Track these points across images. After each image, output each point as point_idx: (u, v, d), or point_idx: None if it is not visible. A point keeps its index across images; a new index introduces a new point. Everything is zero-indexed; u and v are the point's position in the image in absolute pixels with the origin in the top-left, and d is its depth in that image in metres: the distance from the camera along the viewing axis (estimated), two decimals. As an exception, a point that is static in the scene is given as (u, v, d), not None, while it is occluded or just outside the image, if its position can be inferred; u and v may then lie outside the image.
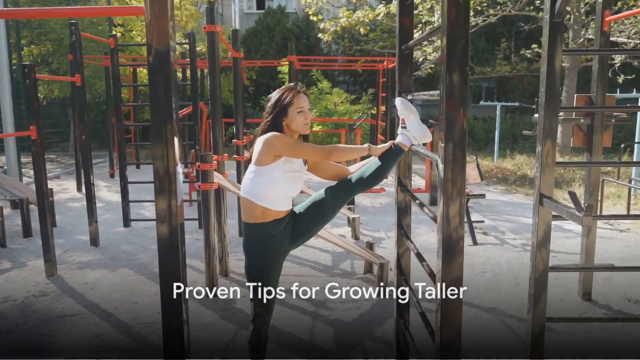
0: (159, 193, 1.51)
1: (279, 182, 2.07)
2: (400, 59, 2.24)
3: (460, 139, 1.46)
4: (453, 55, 1.43)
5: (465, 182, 1.51)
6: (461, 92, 1.44)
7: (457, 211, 1.48)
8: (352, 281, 3.96)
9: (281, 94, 2.14)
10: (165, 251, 1.60)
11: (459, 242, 1.50)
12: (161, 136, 1.47)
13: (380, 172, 2.14)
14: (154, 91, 1.44)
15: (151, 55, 1.43)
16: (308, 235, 2.22)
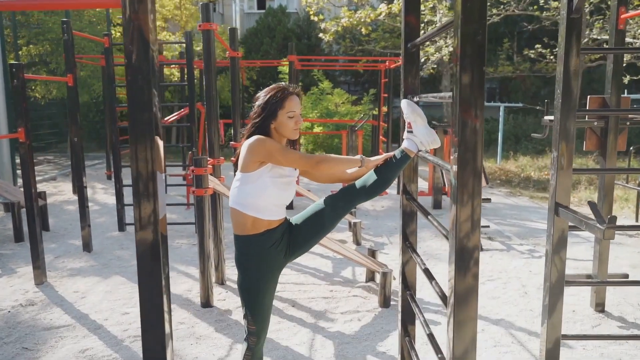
0: (137, 200, 1.36)
1: (268, 189, 1.92)
2: (406, 57, 2.08)
3: (475, 146, 1.30)
4: (468, 52, 1.27)
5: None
6: (477, 94, 1.28)
7: (472, 230, 1.32)
8: (353, 290, 3.80)
9: (271, 94, 1.97)
10: (145, 265, 1.44)
11: (474, 266, 1.35)
12: (140, 138, 1.31)
13: (384, 181, 1.98)
14: (132, 91, 1.29)
15: (130, 52, 1.27)
16: (305, 247, 2.06)
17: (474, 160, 1.31)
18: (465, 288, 1.36)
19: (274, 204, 1.95)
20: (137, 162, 1.33)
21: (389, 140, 9.07)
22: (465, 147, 1.30)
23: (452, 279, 1.36)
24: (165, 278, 1.45)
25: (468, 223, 1.33)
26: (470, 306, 1.37)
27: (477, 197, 1.32)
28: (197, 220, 3.47)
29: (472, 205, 1.32)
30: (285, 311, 3.41)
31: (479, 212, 1.34)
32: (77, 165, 4.62)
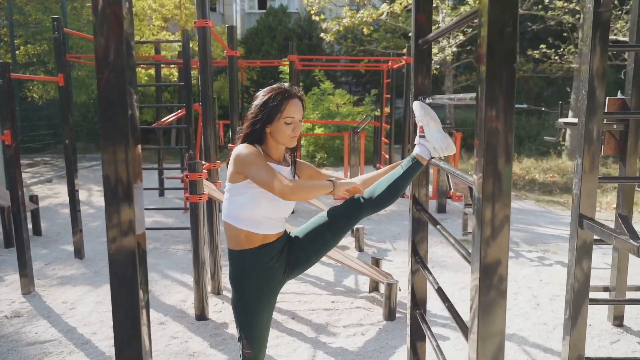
0: (109, 214, 1.17)
1: (258, 201, 1.73)
2: (417, 55, 1.89)
3: (505, 155, 1.11)
4: (496, 46, 1.08)
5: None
6: (507, 95, 1.10)
7: (499, 255, 1.14)
8: (356, 301, 3.61)
9: (270, 95, 1.78)
10: (119, 284, 1.24)
11: (501, 300, 1.16)
12: (113, 143, 1.13)
13: (393, 192, 1.80)
14: (104, 90, 1.11)
15: (100, 46, 1.09)
16: (306, 265, 1.87)
17: (502, 172, 1.12)
18: (490, 331, 1.17)
19: (268, 217, 1.77)
20: (110, 170, 1.15)
21: (391, 142, 8.88)
22: (492, 156, 1.11)
23: (475, 318, 1.17)
24: (143, 306, 1.27)
25: (495, 247, 1.14)
26: (496, 347, 1.18)
27: (506, 215, 1.14)
28: (192, 226, 3.29)
29: (500, 225, 1.14)
30: (285, 324, 3.22)
31: (508, 232, 1.15)
32: (69, 167, 4.44)
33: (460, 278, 4.10)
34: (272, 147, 1.83)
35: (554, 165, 11.08)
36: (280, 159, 1.87)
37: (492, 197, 1.13)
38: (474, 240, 1.20)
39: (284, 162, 1.89)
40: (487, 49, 1.09)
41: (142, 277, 1.22)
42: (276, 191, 1.62)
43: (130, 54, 1.14)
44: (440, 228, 1.65)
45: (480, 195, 1.14)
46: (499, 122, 1.11)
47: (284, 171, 1.82)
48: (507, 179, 1.13)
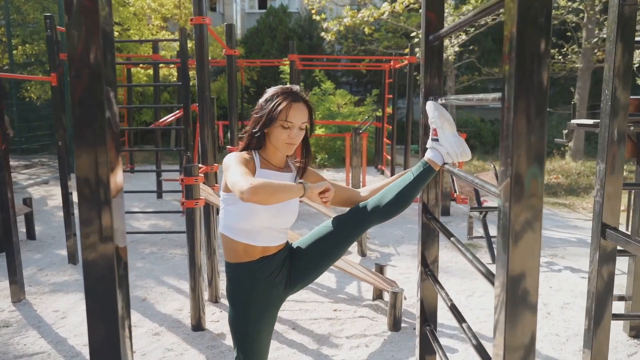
0: (85, 230, 1.03)
1: (255, 211, 1.59)
2: (427, 52, 1.75)
3: (538, 165, 0.98)
4: (528, 40, 0.95)
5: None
6: (540, 95, 0.96)
7: (529, 283, 1.00)
8: (359, 309, 3.47)
9: (272, 94, 1.65)
10: (94, 302, 1.09)
11: (532, 325, 1.02)
12: (87, 148, 0.99)
13: (403, 199, 1.66)
14: (76, 89, 0.97)
15: (73, 38, 0.95)
16: (309, 279, 1.74)
17: (535, 186, 0.98)
18: (516, 327, 1.03)
19: (267, 227, 1.63)
20: (84, 183, 1.00)
21: (393, 143, 8.74)
22: (523, 168, 0.97)
23: (502, 348, 1.02)
24: (127, 335, 1.12)
25: (523, 277, 1.00)
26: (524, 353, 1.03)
27: (537, 235, 1.00)
28: (188, 232, 3.15)
29: (531, 248, 1.00)
30: (285, 335, 3.08)
31: (538, 257, 1.01)
32: (63, 170, 4.30)
33: (467, 285, 3.96)
34: (270, 152, 1.69)
35: (557, 166, 10.94)
36: (281, 165, 1.73)
37: (522, 209, 0.99)
38: (499, 257, 1.06)
39: (286, 168, 1.75)
40: (516, 44, 0.95)
41: (122, 302, 1.07)
42: (236, 192, 1.44)
43: (109, 50, 1.00)
44: (455, 241, 1.51)
45: (508, 206, 1.00)
46: (530, 125, 0.97)
47: (281, 179, 1.68)
48: (540, 189, 0.99)
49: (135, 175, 9.47)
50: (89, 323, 1.07)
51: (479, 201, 4.98)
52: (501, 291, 1.04)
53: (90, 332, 1.05)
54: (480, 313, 3.42)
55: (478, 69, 14.74)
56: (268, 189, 1.41)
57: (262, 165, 1.67)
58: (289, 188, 1.48)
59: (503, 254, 1.03)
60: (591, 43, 11.28)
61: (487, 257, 4.64)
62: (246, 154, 1.65)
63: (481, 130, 15.60)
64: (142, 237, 5.32)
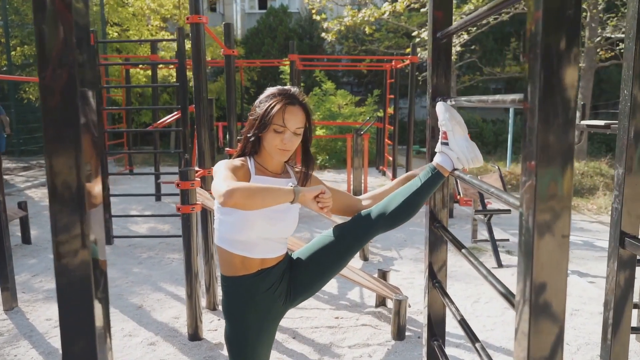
0: (59, 253, 0.93)
1: (252, 221, 1.48)
2: (435, 50, 1.65)
3: (566, 175, 0.87)
4: (554, 35, 0.84)
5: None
6: (568, 97, 0.86)
7: (557, 301, 0.89)
8: (362, 317, 3.37)
9: (266, 96, 1.56)
10: (68, 316, 0.99)
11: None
12: (60, 152, 0.89)
13: (410, 207, 1.55)
14: (45, 88, 0.86)
15: (41, 32, 0.85)
16: (310, 291, 1.63)
17: (563, 196, 0.87)
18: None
19: (266, 238, 1.52)
20: (58, 198, 0.90)
21: (394, 143, 8.64)
22: (550, 178, 0.87)
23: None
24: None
25: (550, 300, 0.89)
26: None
27: (564, 252, 0.89)
28: (184, 237, 3.04)
29: (558, 266, 0.89)
30: (285, 344, 2.98)
31: (565, 279, 0.90)
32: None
33: (473, 290, 3.85)
34: (266, 157, 1.59)
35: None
36: (278, 171, 1.62)
37: (549, 223, 0.89)
38: (520, 276, 0.95)
39: (284, 174, 1.64)
40: (542, 39, 0.84)
41: (103, 330, 0.97)
42: (215, 195, 1.33)
43: (85, 48, 0.90)
44: (467, 253, 1.41)
45: (532, 220, 0.89)
46: (558, 130, 0.86)
47: (277, 184, 1.58)
48: (569, 199, 0.89)
49: (135, 177, 9.37)
50: (63, 349, 0.97)
51: (483, 204, 4.88)
52: (523, 316, 0.93)
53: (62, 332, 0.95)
54: (487, 321, 3.31)
55: (480, 69, 14.63)
56: (247, 191, 1.29)
57: (257, 172, 1.57)
58: (274, 191, 1.35)
59: (525, 272, 0.92)
60: (594, 42, 11.16)
61: (492, 261, 4.53)
62: (238, 161, 1.55)
63: (483, 131, 15.49)
64: (139, 241, 5.22)
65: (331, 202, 1.46)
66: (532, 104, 0.88)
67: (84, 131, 0.90)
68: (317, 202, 1.45)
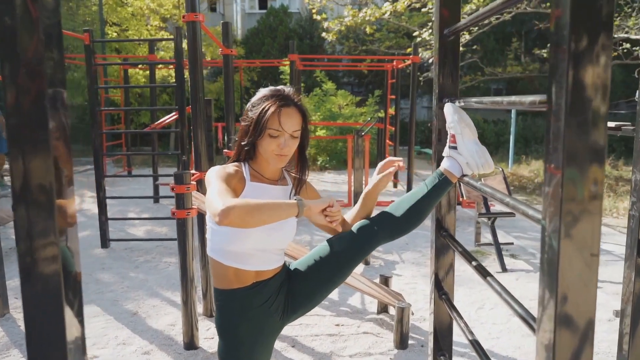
0: (20, 248, 0.83)
1: (245, 232, 1.38)
2: (441, 48, 1.55)
3: (596, 184, 0.77)
4: (585, 30, 0.74)
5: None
6: (600, 98, 0.76)
7: (587, 328, 0.79)
8: (363, 324, 3.27)
9: (261, 97, 1.44)
10: (34, 329, 0.89)
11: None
12: (23, 154, 0.79)
13: (415, 215, 1.46)
14: (9, 86, 0.77)
15: (5, 31, 0.75)
16: (309, 305, 1.53)
17: (592, 211, 0.78)
18: None
19: (262, 249, 1.43)
20: (24, 210, 0.80)
21: (396, 144, 8.54)
22: (579, 188, 0.77)
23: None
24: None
25: (578, 324, 0.80)
26: None
27: (593, 276, 0.80)
28: (179, 242, 2.94)
29: (586, 293, 0.79)
30: (284, 353, 2.88)
31: (594, 303, 0.81)
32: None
33: (477, 296, 3.75)
34: (261, 163, 1.49)
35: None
36: (275, 177, 1.53)
37: (578, 242, 0.79)
38: (543, 299, 0.86)
39: (281, 181, 1.55)
40: (570, 30, 0.75)
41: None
42: (210, 213, 1.22)
43: (54, 43, 0.80)
44: (478, 266, 1.31)
45: (557, 238, 0.80)
46: (589, 135, 0.76)
47: (274, 192, 1.48)
48: (599, 213, 0.79)
49: (134, 178, 9.28)
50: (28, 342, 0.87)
51: (487, 206, 4.78)
52: (545, 343, 0.83)
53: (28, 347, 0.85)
54: (492, 328, 3.21)
55: (481, 69, 14.54)
56: (245, 209, 1.18)
57: (252, 178, 1.47)
58: (276, 207, 1.24)
59: (549, 295, 0.82)
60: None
61: (495, 265, 4.43)
62: (232, 167, 1.45)
63: (484, 132, 15.39)
64: (136, 244, 5.12)
65: (340, 215, 1.37)
66: (557, 106, 0.78)
67: (54, 135, 0.81)
68: (325, 215, 1.36)
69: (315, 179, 9.68)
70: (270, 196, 1.45)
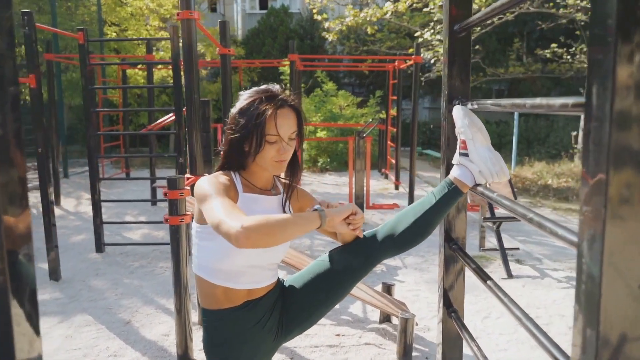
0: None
1: (235, 249, 1.24)
2: (451, 45, 1.43)
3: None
4: (630, 22, 0.62)
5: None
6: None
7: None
8: (365, 334, 3.14)
9: (250, 101, 1.29)
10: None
11: None
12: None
13: (423, 227, 1.33)
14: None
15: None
16: (305, 325, 1.41)
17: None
18: None
19: (253, 265, 1.30)
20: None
21: (397, 146, 8.42)
22: (627, 206, 0.65)
23: None
24: None
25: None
26: None
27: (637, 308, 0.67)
28: (172, 250, 2.82)
29: (634, 331, 0.67)
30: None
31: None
32: (43, 177, 3.99)
33: (482, 304, 3.63)
34: (255, 172, 1.36)
35: (566, 169, 10.59)
36: (268, 186, 1.40)
37: (622, 271, 0.66)
38: (578, 344, 0.73)
39: (274, 189, 1.42)
40: (616, 27, 0.62)
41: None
42: (222, 234, 1.09)
43: (4, 38, 0.68)
44: (492, 284, 1.19)
45: (596, 265, 0.67)
46: (636, 141, 0.64)
47: (268, 203, 1.35)
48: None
49: (132, 180, 9.16)
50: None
51: (492, 210, 4.65)
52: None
53: None
54: (500, 339, 3.08)
55: (482, 70, 14.41)
56: (267, 228, 1.05)
57: (245, 189, 1.34)
58: (299, 222, 1.12)
59: (588, 333, 0.70)
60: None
61: (501, 271, 4.31)
62: (224, 177, 1.32)
63: (486, 132, 15.25)
64: (132, 248, 5.00)
65: (363, 220, 1.25)
66: (599, 110, 0.66)
67: (4, 141, 0.68)
68: (348, 223, 1.24)
69: (315, 180, 9.56)
70: (264, 208, 1.33)
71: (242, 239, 1.04)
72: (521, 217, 0.98)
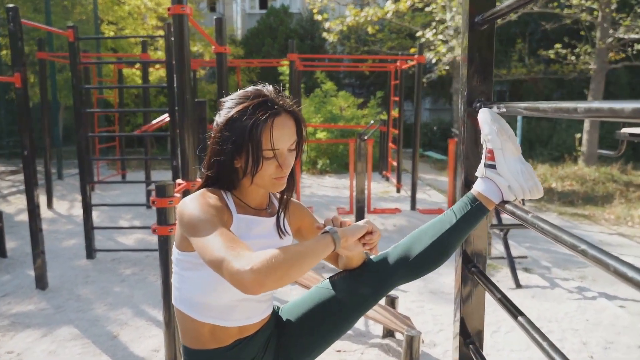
0: None
1: (223, 282, 1.04)
2: (472, 39, 1.25)
3: None
4: None
5: None
6: None
7: None
8: (367, 350, 2.96)
9: (239, 108, 1.07)
10: None
11: None
12: None
13: (441, 250, 1.15)
14: None
15: None
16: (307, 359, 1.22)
17: None
18: None
19: (244, 299, 1.11)
20: None
21: (399, 148, 8.24)
22: None
23: None
24: None
25: None
26: None
27: None
28: (161, 261, 2.62)
29: None
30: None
31: None
32: (29, 180, 3.80)
33: (491, 317, 3.44)
34: (249, 191, 1.17)
35: (570, 172, 10.41)
36: (263, 205, 1.21)
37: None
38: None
39: (269, 207, 1.23)
40: None
41: None
42: (225, 276, 0.90)
43: None
44: (524, 321, 1.00)
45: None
46: None
47: (264, 226, 1.17)
48: None
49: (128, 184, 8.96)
50: None
51: (498, 217, 4.47)
52: None
53: None
54: (510, 356, 2.90)
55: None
56: (282, 270, 0.88)
57: (239, 210, 1.15)
58: (310, 252, 0.95)
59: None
60: (606, 43, 10.77)
61: (508, 280, 4.12)
62: (213, 196, 1.11)
63: (488, 134, 15.08)
64: (124, 254, 4.81)
65: (379, 237, 1.07)
66: None
67: None
68: (364, 243, 1.07)
69: (315, 183, 9.38)
70: (259, 233, 1.14)
71: (255, 286, 0.86)
72: (572, 249, 0.79)
